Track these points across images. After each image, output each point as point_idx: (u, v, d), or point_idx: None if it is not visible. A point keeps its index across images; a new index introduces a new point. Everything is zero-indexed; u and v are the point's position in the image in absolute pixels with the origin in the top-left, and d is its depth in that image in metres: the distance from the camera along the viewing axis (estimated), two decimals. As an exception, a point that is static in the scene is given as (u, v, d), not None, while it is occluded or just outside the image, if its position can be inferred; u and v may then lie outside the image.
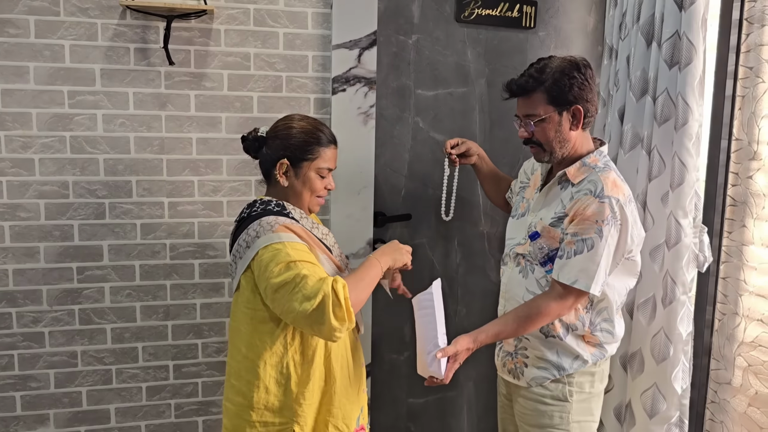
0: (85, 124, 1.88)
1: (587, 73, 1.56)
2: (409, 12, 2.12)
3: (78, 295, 1.95)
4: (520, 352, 1.71)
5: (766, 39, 1.77)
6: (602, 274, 1.52)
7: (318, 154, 1.51)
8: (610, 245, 1.51)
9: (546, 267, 1.62)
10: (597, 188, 1.52)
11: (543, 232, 1.60)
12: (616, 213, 1.50)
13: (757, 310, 1.81)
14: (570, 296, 1.54)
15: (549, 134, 1.58)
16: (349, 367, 1.55)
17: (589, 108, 1.57)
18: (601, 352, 1.66)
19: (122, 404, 2.03)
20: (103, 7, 1.84)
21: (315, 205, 1.57)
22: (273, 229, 1.42)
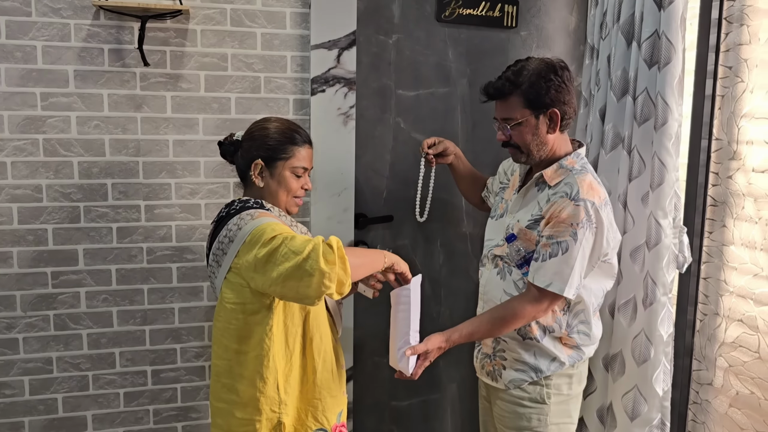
0: (58, 126, 1.84)
1: (564, 75, 1.55)
2: (389, 12, 2.10)
3: (53, 301, 1.92)
4: (498, 354, 1.70)
5: (744, 38, 1.77)
6: (576, 278, 1.52)
7: (292, 153, 1.52)
8: (584, 248, 1.51)
9: (523, 269, 1.61)
10: (573, 191, 1.51)
11: (519, 234, 1.60)
12: (591, 216, 1.50)
13: (737, 310, 1.81)
14: (545, 299, 1.54)
15: (526, 138, 1.58)
16: (331, 361, 1.55)
17: (567, 110, 1.56)
18: (579, 354, 1.65)
19: (99, 411, 2.00)
20: (75, 7, 1.80)
21: (293, 206, 1.56)
22: (253, 217, 1.42)
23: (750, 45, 1.75)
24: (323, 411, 1.53)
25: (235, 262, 1.41)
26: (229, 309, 1.45)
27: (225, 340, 1.47)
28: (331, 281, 1.29)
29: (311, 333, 1.50)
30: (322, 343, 1.52)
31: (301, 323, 1.49)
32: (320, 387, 1.52)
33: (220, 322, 1.48)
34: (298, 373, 1.49)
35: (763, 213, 1.72)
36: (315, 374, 1.51)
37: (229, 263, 1.42)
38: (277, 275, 1.31)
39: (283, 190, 1.52)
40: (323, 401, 1.52)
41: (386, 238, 2.22)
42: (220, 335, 1.49)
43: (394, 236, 2.23)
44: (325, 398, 1.53)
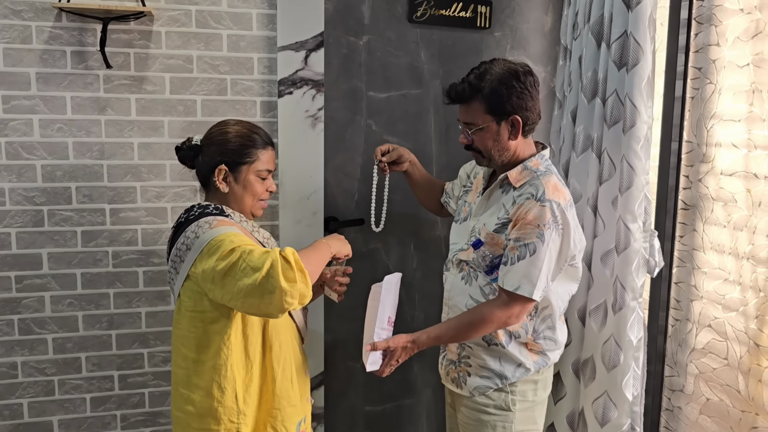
0: (20, 129, 1.82)
1: (527, 81, 1.52)
2: (359, 13, 2.07)
3: (17, 305, 1.90)
4: (463, 360, 1.67)
5: (713, 39, 1.73)
6: (544, 280, 1.50)
7: (256, 156, 1.50)
8: (551, 250, 1.49)
9: (491, 275, 1.59)
10: (538, 192, 1.50)
11: (487, 239, 1.57)
12: (557, 217, 1.49)
13: (707, 315, 1.78)
14: (515, 304, 1.52)
15: (487, 143, 1.57)
16: (291, 370, 1.52)
17: (529, 116, 1.54)
18: (544, 360, 1.63)
19: (66, 416, 1.98)
20: (37, 9, 1.78)
21: (258, 209, 1.55)
22: (212, 226, 1.40)
23: (718, 46, 1.72)
24: (282, 421, 1.50)
25: (191, 270, 1.39)
26: (189, 317, 1.43)
27: (184, 348, 1.45)
28: (293, 297, 1.29)
29: (270, 342, 1.48)
30: (281, 352, 1.49)
31: (261, 332, 1.47)
32: (279, 396, 1.49)
33: (179, 329, 1.46)
34: (258, 383, 1.47)
35: (732, 217, 1.69)
36: (274, 383, 1.48)
37: (187, 271, 1.40)
38: (237, 291, 1.29)
39: (248, 195, 1.51)
40: (282, 411, 1.50)
41: (358, 241, 2.19)
42: (179, 343, 1.46)
43: (366, 240, 2.20)
44: (285, 408, 1.50)
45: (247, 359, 1.45)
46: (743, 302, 1.65)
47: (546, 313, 1.61)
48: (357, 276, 2.20)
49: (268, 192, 1.55)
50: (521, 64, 1.56)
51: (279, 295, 1.27)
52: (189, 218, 1.45)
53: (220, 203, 1.50)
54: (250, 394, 1.45)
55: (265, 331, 1.48)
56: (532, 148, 1.62)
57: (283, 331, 1.52)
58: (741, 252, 1.66)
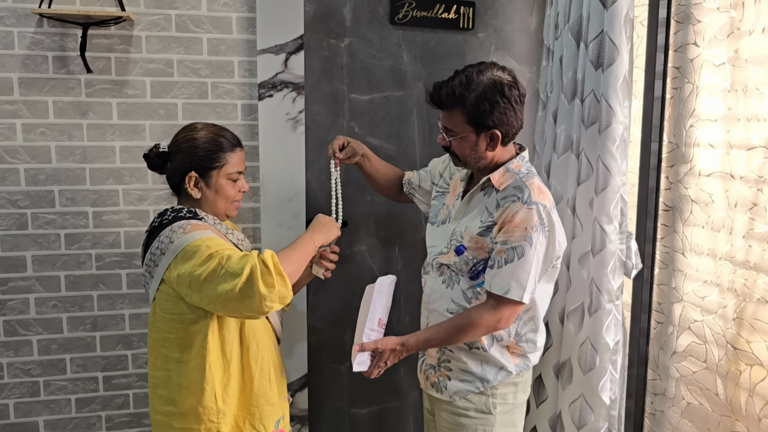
0: (3, 133, 1.85)
1: (512, 95, 1.49)
2: (340, 15, 2.08)
3: (2, 307, 1.93)
4: (443, 364, 1.66)
5: (691, 38, 1.71)
6: (532, 282, 1.50)
7: (225, 160, 1.50)
8: (539, 252, 1.49)
9: (476, 280, 1.57)
10: (524, 195, 1.49)
11: (470, 243, 1.56)
12: (543, 219, 1.48)
13: (688, 318, 1.75)
14: (504, 307, 1.50)
15: (464, 151, 1.56)
16: (268, 369, 1.54)
17: (509, 130, 1.53)
18: (525, 363, 1.63)
19: (51, 416, 2.01)
20: (18, 15, 1.81)
21: (232, 210, 1.56)
22: (186, 230, 1.41)
23: (696, 45, 1.70)
24: (260, 418, 1.52)
25: (166, 275, 1.40)
26: (168, 319, 1.44)
27: (164, 350, 1.46)
28: (273, 301, 1.32)
29: (247, 341, 1.49)
30: (258, 351, 1.51)
31: (237, 332, 1.48)
32: (257, 395, 1.51)
33: (156, 332, 1.47)
34: (236, 382, 1.48)
35: (710, 218, 1.67)
36: (252, 382, 1.50)
37: (161, 275, 1.41)
38: (216, 296, 1.32)
39: (221, 198, 1.51)
40: (260, 408, 1.52)
41: (342, 243, 2.19)
42: (158, 345, 1.47)
43: (350, 242, 2.20)
44: (263, 405, 1.52)
45: (224, 359, 1.46)
46: (721, 305, 1.62)
47: (530, 315, 1.60)
48: (341, 278, 2.21)
49: (241, 192, 1.56)
50: (508, 72, 1.52)
51: (258, 299, 1.30)
52: (162, 222, 1.46)
53: (193, 207, 1.51)
54: (229, 393, 1.47)
55: (242, 331, 1.49)
56: (512, 151, 1.61)
57: (259, 331, 1.53)
58: (719, 254, 1.63)
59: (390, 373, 2.31)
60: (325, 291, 2.21)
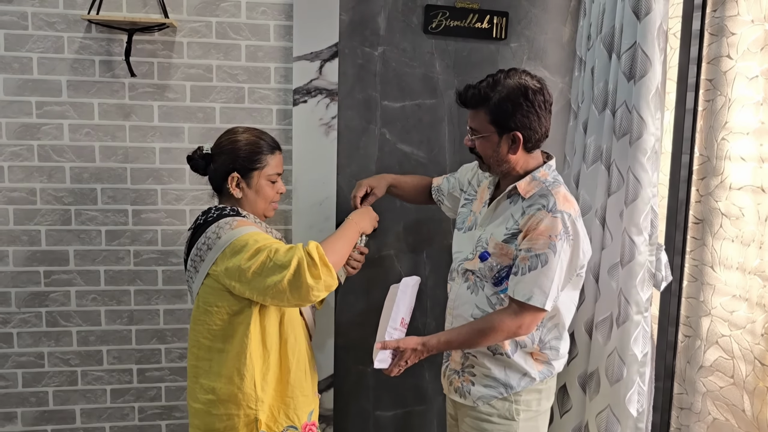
0: (52, 133, 1.95)
1: (536, 100, 1.52)
2: (375, 24, 2.12)
3: (45, 298, 2.02)
4: (467, 370, 1.68)
5: (724, 50, 1.70)
6: (555, 290, 1.51)
7: (266, 162, 1.59)
8: (563, 260, 1.50)
9: (500, 286, 1.59)
10: (549, 203, 1.51)
11: (495, 250, 1.58)
12: (568, 228, 1.50)
13: (715, 332, 1.74)
14: (526, 313, 1.52)
15: (486, 151, 1.59)
16: (305, 362, 1.61)
17: (532, 135, 1.55)
18: (549, 370, 1.63)
19: (87, 405, 2.09)
20: (69, 21, 1.91)
21: (270, 210, 1.65)
22: (233, 226, 1.49)
23: (729, 57, 1.69)
24: (295, 409, 1.59)
25: (212, 269, 1.48)
26: (213, 312, 1.51)
27: (208, 341, 1.53)
28: (320, 291, 1.43)
29: (286, 334, 1.57)
30: (296, 344, 1.59)
31: (278, 324, 1.56)
32: (293, 386, 1.58)
33: (200, 324, 1.54)
34: (274, 372, 1.55)
35: (742, 232, 1.65)
36: (289, 374, 1.57)
37: (207, 270, 1.49)
38: (265, 287, 1.41)
39: (261, 199, 1.61)
40: (295, 399, 1.58)
41: (370, 248, 2.22)
42: (202, 337, 1.54)
43: (379, 246, 2.24)
44: (298, 397, 1.59)
45: (264, 349, 1.53)
46: (750, 320, 1.61)
47: (554, 323, 1.61)
48: (369, 282, 2.25)
49: (279, 194, 1.64)
50: (537, 79, 1.56)
51: (306, 290, 1.40)
52: (208, 220, 1.54)
53: (234, 206, 1.59)
54: (267, 382, 1.54)
55: (282, 324, 1.57)
56: (539, 159, 1.63)
57: (297, 325, 1.61)
58: (748, 268, 1.62)
59: (415, 378, 2.34)
60: (353, 294, 2.25)
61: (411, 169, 2.21)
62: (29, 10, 1.88)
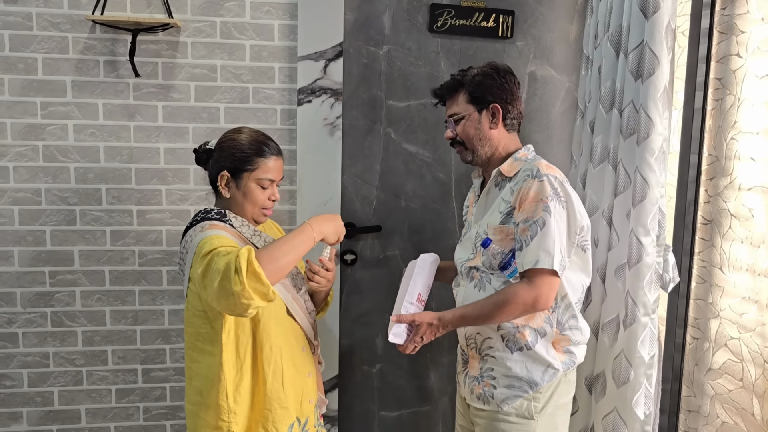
0: (56, 133, 1.95)
1: (507, 78, 1.63)
2: (379, 23, 2.11)
3: (50, 299, 2.02)
4: (485, 374, 1.62)
5: (734, 49, 1.68)
6: (559, 251, 1.49)
7: (257, 165, 1.52)
8: (559, 221, 1.50)
9: (509, 269, 1.56)
10: (534, 171, 1.54)
11: (495, 235, 1.57)
12: (557, 189, 1.51)
13: (724, 335, 1.71)
14: (539, 281, 1.48)
15: (469, 131, 1.63)
16: (281, 372, 1.54)
17: (509, 109, 1.62)
18: (571, 359, 1.59)
19: (92, 405, 2.09)
20: (73, 21, 1.90)
21: (260, 216, 1.57)
22: (203, 229, 1.46)
23: (739, 56, 1.67)
24: (273, 422, 1.53)
25: (191, 272, 1.45)
26: (197, 315, 1.49)
27: (199, 343, 1.51)
28: (249, 298, 1.30)
29: (261, 343, 1.50)
30: (272, 354, 1.52)
31: (251, 333, 1.50)
32: (270, 397, 1.52)
33: (190, 327, 1.52)
34: (248, 382, 1.51)
35: (751, 233, 1.63)
36: (265, 384, 1.51)
37: (188, 273, 1.47)
38: (211, 292, 1.34)
39: (248, 202, 1.53)
40: (273, 412, 1.52)
41: (375, 247, 2.22)
42: (194, 339, 1.52)
43: (384, 246, 2.23)
44: (276, 409, 1.52)
45: (237, 358, 1.49)
46: (760, 322, 1.58)
47: (567, 302, 1.58)
48: (374, 282, 2.24)
49: (272, 201, 1.56)
50: (504, 65, 1.66)
51: (235, 297, 1.29)
52: (192, 223, 1.53)
53: (224, 208, 1.56)
54: (240, 393, 1.49)
55: (256, 332, 1.50)
56: (518, 143, 1.67)
57: (275, 334, 1.53)
58: (758, 270, 1.60)
59: (420, 378, 2.33)
60: (357, 294, 2.24)
61: (416, 168, 2.20)
62: (34, 10, 1.88)
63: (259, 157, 1.52)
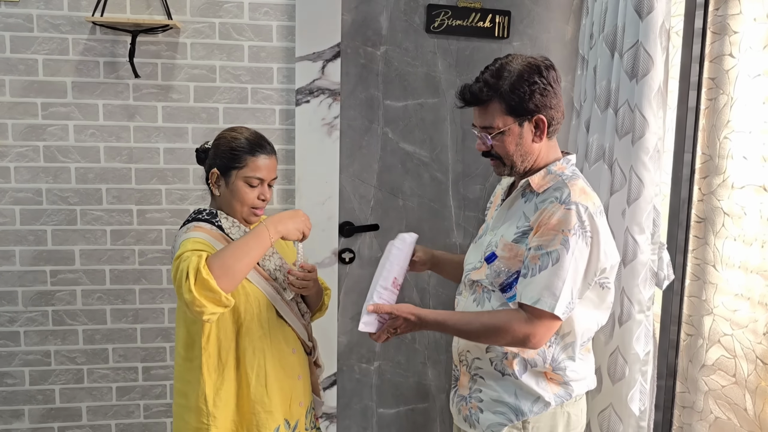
0: (57, 134, 1.97)
1: (550, 76, 1.36)
2: (377, 24, 2.13)
3: (51, 297, 2.04)
4: (473, 395, 1.48)
5: (727, 49, 1.70)
6: (568, 294, 1.31)
7: (245, 162, 1.49)
8: (577, 259, 1.31)
9: (508, 293, 1.39)
10: (563, 195, 1.33)
11: (503, 252, 1.40)
12: (584, 222, 1.31)
13: (718, 331, 1.74)
14: (537, 321, 1.31)
15: (509, 148, 1.39)
16: (265, 376, 1.52)
17: (554, 115, 1.38)
18: (567, 392, 1.42)
19: (93, 403, 2.11)
20: (74, 22, 1.92)
21: (249, 215, 1.53)
22: (188, 230, 1.47)
23: (732, 56, 1.69)
24: (257, 425, 1.52)
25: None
26: (181, 317, 1.52)
27: (179, 346, 1.53)
28: (201, 305, 1.30)
29: (244, 347, 1.50)
30: (255, 358, 1.51)
31: (234, 337, 1.50)
32: (254, 401, 1.51)
33: (177, 328, 1.54)
34: (232, 386, 1.50)
35: (744, 231, 1.65)
36: (249, 388, 1.51)
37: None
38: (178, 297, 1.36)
39: (236, 201, 1.50)
40: (257, 416, 1.52)
41: (373, 246, 2.24)
42: (177, 342, 1.55)
43: (381, 245, 2.25)
44: (259, 413, 1.52)
45: (219, 362, 1.48)
46: (752, 319, 1.61)
47: (567, 341, 1.40)
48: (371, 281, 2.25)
49: (262, 200, 1.52)
50: (542, 57, 1.39)
51: (188, 304, 1.31)
52: (184, 222, 1.55)
53: (217, 207, 1.55)
54: (221, 397, 1.48)
55: (239, 336, 1.50)
56: (557, 152, 1.45)
57: (258, 337, 1.51)
58: (751, 267, 1.62)
59: (418, 375, 2.35)
60: (355, 292, 2.26)
61: (413, 167, 2.22)
62: (34, 12, 1.90)
63: (247, 155, 1.49)
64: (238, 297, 1.47)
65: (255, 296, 1.51)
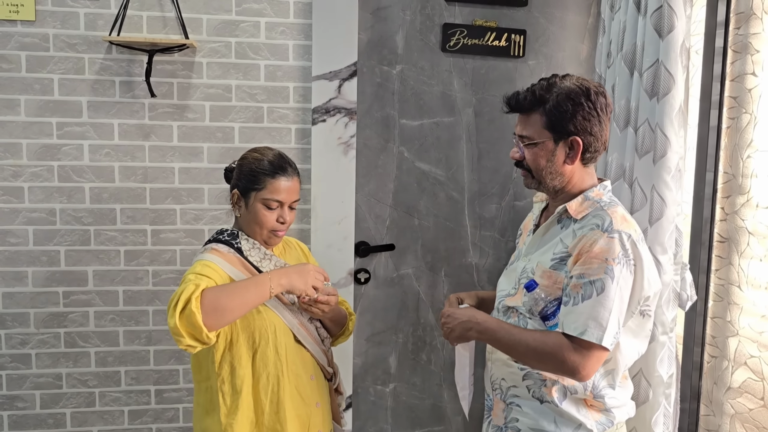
0: (72, 154, 1.95)
1: (599, 102, 1.34)
2: (393, 43, 2.12)
3: (64, 319, 2.01)
4: (510, 425, 1.43)
5: (749, 68, 1.69)
6: (615, 324, 1.28)
7: (264, 184, 1.47)
8: (622, 288, 1.28)
9: (550, 321, 1.36)
10: (605, 222, 1.30)
11: (543, 279, 1.37)
12: (628, 250, 1.28)
13: (744, 353, 1.71)
14: (587, 353, 1.27)
15: (539, 162, 1.38)
16: (278, 403, 1.49)
17: (593, 142, 1.35)
18: (609, 419, 1.37)
19: (105, 427, 2.07)
20: (90, 42, 1.92)
21: (270, 238, 1.51)
22: (205, 251, 1.47)
23: (754, 75, 1.68)
24: None
25: None
26: None
27: (194, 370, 1.54)
28: (179, 335, 1.30)
29: (258, 373, 1.47)
30: (269, 384, 1.48)
31: (250, 364, 1.47)
32: (268, 428, 1.48)
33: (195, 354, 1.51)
34: (246, 413, 1.47)
35: (769, 251, 1.63)
36: (263, 415, 1.48)
37: None
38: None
39: (255, 223, 1.49)
40: None
41: (389, 266, 2.22)
42: (193, 366, 1.54)
43: (397, 264, 2.22)
44: None
45: (233, 388, 1.45)
46: (780, 341, 1.58)
47: (608, 368, 1.37)
48: (388, 301, 2.24)
49: (281, 223, 1.50)
50: (596, 83, 1.38)
51: (170, 329, 1.31)
52: (205, 244, 1.54)
53: (239, 228, 1.54)
54: (234, 424, 1.45)
55: (254, 363, 1.47)
56: (594, 178, 1.43)
57: (273, 363, 1.48)
58: (778, 288, 1.60)
59: (434, 398, 2.31)
60: (371, 313, 2.23)
61: (429, 187, 2.21)
62: (51, 32, 1.89)
63: (267, 177, 1.47)
64: (252, 321, 1.45)
65: (271, 320, 1.48)
